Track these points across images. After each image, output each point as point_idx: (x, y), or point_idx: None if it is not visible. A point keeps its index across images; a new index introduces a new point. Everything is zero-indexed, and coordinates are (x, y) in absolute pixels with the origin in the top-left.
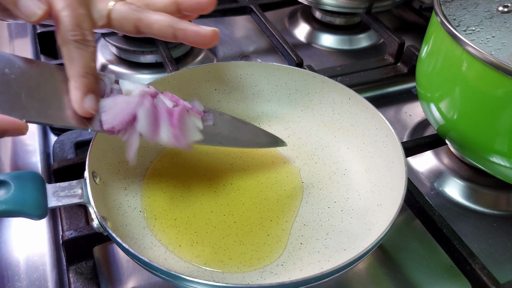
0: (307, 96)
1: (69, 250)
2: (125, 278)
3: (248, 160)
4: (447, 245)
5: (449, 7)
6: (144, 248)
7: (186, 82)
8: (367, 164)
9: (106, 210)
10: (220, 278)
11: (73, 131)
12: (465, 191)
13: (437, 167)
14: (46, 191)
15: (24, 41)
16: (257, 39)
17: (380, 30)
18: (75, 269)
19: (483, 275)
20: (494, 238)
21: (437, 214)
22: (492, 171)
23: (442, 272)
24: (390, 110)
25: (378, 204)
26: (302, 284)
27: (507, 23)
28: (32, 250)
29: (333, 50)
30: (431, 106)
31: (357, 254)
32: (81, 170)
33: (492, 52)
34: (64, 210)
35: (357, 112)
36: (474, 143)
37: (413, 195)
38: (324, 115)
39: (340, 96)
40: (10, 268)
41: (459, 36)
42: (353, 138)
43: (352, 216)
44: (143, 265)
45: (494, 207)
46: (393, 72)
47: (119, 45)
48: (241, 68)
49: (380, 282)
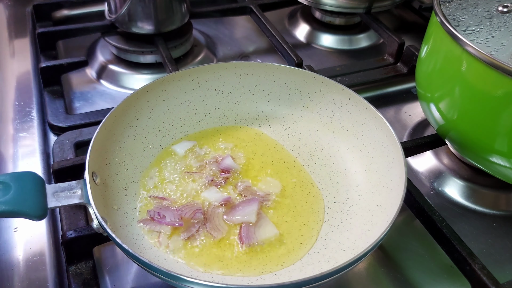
0: (306, 96)
1: (69, 251)
2: (124, 278)
3: (248, 160)
4: (447, 245)
5: (449, 7)
6: (143, 248)
7: (186, 82)
8: (366, 164)
9: (106, 211)
10: (219, 278)
11: (73, 131)
12: (465, 191)
13: (437, 167)
14: (45, 192)
15: (24, 41)
16: (257, 39)
17: (380, 30)
18: (75, 269)
19: (483, 275)
20: (494, 238)
21: (437, 214)
22: (492, 171)
23: (442, 272)
24: (390, 110)
25: (378, 205)
26: (302, 284)
27: (507, 23)
28: (32, 250)
29: (333, 50)
30: (431, 106)
31: (357, 255)
32: (81, 171)
33: (492, 52)
34: (64, 211)
35: (357, 113)
36: (474, 143)
37: (413, 195)
38: (324, 115)
39: (340, 97)
40: (10, 268)
41: (459, 36)
42: (353, 139)
43: (352, 216)
44: (143, 265)
45: (494, 207)
46: (393, 72)
47: (119, 45)
48: (241, 68)
49: (380, 282)
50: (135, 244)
